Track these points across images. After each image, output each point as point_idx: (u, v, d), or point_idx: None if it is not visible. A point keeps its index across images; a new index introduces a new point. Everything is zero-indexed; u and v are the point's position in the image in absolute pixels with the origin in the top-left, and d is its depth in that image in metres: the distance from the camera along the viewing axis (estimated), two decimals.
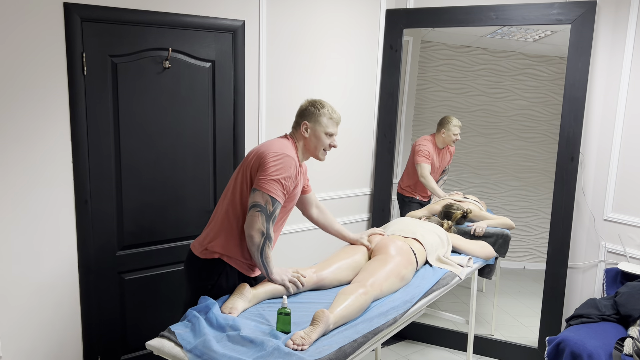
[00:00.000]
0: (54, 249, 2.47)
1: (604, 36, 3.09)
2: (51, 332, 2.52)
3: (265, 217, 2.02)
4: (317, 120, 2.21)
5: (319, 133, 2.21)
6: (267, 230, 2.02)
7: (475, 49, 3.44)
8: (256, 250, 2.04)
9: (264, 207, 2.01)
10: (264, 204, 2.01)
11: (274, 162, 2.04)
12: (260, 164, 2.07)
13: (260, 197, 2.02)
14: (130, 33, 2.54)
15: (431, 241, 2.64)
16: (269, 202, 2.02)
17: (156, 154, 2.71)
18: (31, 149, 2.35)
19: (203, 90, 2.80)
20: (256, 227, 2.01)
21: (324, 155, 2.27)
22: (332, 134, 2.23)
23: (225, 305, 1.93)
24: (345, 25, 3.32)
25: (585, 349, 2.36)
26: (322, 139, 2.22)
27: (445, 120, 3.48)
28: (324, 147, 2.24)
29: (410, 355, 3.44)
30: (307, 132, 2.21)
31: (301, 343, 1.71)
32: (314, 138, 2.21)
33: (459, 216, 3.33)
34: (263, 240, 2.03)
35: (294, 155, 2.11)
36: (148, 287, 2.79)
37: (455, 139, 3.47)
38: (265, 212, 2.01)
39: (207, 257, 2.14)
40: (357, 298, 1.98)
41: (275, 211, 2.04)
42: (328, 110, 2.22)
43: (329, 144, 2.24)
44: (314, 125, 2.21)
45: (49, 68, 2.35)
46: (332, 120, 2.23)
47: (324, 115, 2.21)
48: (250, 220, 2.02)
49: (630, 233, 3.07)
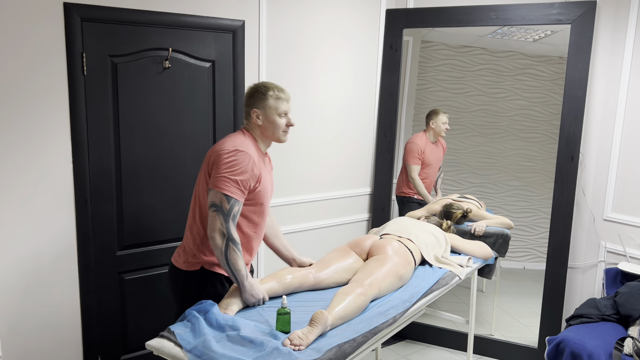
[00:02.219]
0: (54, 249, 2.47)
1: (604, 36, 3.09)
2: (51, 332, 2.52)
3: (223, 217, 1.92)
4: (265, 104, 2.08)
5: (271, 117, 2.08)
6: (227, 230, 1.92)
7: (475, 49, 3.44)
8: (220, 255, 1.93)
9: (220, 206, 1.93)
10: (219, 203, 1.93)
11: (226, 159, 1.95)
12: (213, 162, 1.99)
13: (215, 196, 1.94)
14: (130, 33, 2.54)
15: (426, 241, 2.64)
16: (224, 200, 1.92)
17: (156, 154, 2.71)
18: (31, 149, 2.36)
19: (203, 90, 2.80)
20: (215, 228, 1.92)
21: (284, 137, 2.13)
22: (284, 112, 2.10)
23: (221, 303, 1.95)
24: (345, 25, 3.33)
25: (585, 349, 2.36)
26: (276, 121, 2.08)
27: (433, 113, 3.49)
28: (281, 129, 2.10)
29: (410, 355, 3.44)
30: (260, 120, 2.09)
31: (299, 343, 1.71)
32: (267, 123, 2.08)
33: (459, 216, 3.33)
34: (225, 242, 1.92)
35: (248, 149, 2.01)
36: (148, 287, 2.79)
37: (445, 128, 3.48)
38: (222, 211, 1.92)
39: (190, 269, 2.08)
40: (355, 298, 1.98)
41: (232, 209, 1.93)
42: (274, 90, 2.09)
43: (286, 123, 2.11)
44: (264, 110, 2.08)
45: (49, 68, 2.35)
46: (281, 99, 2.09)
47: (270, 97, 2.08)
48: (209, 222, 1.95)
49: (630, 233, 3.07)
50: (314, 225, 3.36)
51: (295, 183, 3.24)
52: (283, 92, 2.11)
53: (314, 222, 3.37)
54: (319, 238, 3.41)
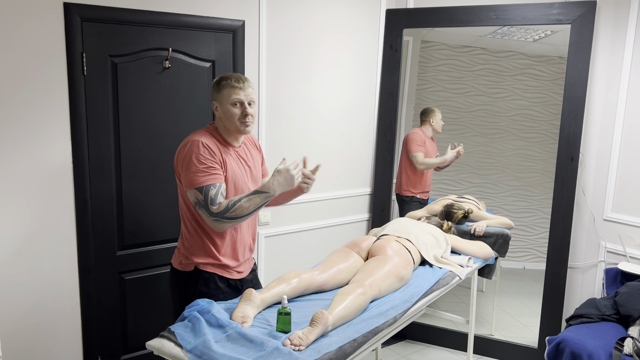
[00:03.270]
0: (54, 249, 2.47)
1: (604, 36, 3.09)
2: (51, 332, 2.52)
3: (205, 209, 1.97)
4: (219, 96, 2.06)
5: (226, 107, 2.05)
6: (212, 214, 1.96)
7: (475, 49, 3.44)
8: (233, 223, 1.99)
9: (198, 200, 1.98)
10: (196, 199, 1.98)
11: (181, 156, 2.01)
12: (176, 163, 2.06)
13: (192, 196, 2.00)
14: (130, 33, 2.54)
15: (425, 241, 2.64)
16: (197, 193, 1.97)
17: (156, 153, 2.71)
18: (31, 149, 2.35)
19: (203, 90, 2.80)
20: (210, 221, 1.99)
21: (243, 127, 2.07)
22: (239, 101, 2.05)
23: (235, 314, 1.88)
24: (345, 25, 3.33)
25: (585, 349, 2.36)
26: (230, 110, 2.04)
27: (430, 110, 3.50)
28: (236, 118, 2.05)
29: (410, 355, 3.44)
30: (218, 111, 2.08)
31: (299, 343, 1.71)
32: (224, 114, 2.06)
33: (460, 216, 3.33)
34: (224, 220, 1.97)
35: (200, 137, 2.02)
36: (148, 287, 2.79)
37: (442, 124, 3.50)
38: (203, 205, 1.97)
39: (185, 270, 2.13)
40: (355, 298, 1.98)
41: (208, 195, 1.96)
42: (229, 80, 2.05)
43: (243, 112, 2.05)
44: (220, 102, 2.06)
45: (49, 68, 2.35)
46: (235, 87, 2.04)
47: (224, 86, 2.05)
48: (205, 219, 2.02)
49: (630, 233, 3.07)
50: (314, 225, 3.36)
51: None
52: (239, 80, 2.05)
53: (314, 222, 3.37)
54: (319, 238, 3.41)
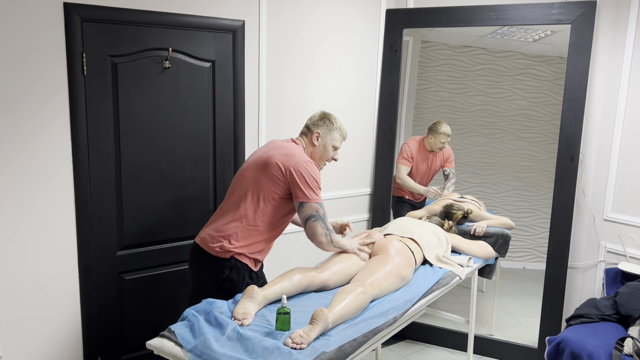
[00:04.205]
0: (54, 249, 2.47)
1: (604, 36, 3.09)
2: (51, 332, 2.52)
3: (322, 222, 2.22)
4: (329, 133, 2.38)
5: (328, 145, 2.39)
6: (327, 229, 2.24)
7: (475, 49, 3.44)
8: (329, 246, 2.27)
9: (317, 214, 2.21)
10: (315, 212, 2.20)
11: (306, 172, 2.20)
12: (292, 173, 2.19)
13: (311, 208, 2.20)
14: (130, 33, 2.54)
15: (428, 240, 2.64)
16: (319, 208, 2.21)
17: (156, 154, 2.71)
18: (31, 149, 2.35)
19: (203, 90, 2.80)
20: (320, 234, 2.23)
21: (324, 166, 2.44)
22: (338, 147, 2.42)
23: (237, 310, 1.88)
24: (345, 25, 3.33)
25: (585, 349, 2.36)
26: (329, 150, 2.40)
27: (434, 126, 3.48)
28: (327, 158, 2.41)
29: (410, 355, 3.44)
30: (318, 141, 2.37)
31: (300, 342, 1.71)
32: (322, 148, 2.38)
33: (460, 216, 3.33)
34: (330, 238, 2.25)
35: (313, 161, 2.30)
36: (148, 287, 2.79)
37: (442, 146, 3.47)
38: (320, 218, 2.21)
39: (221, 256, 2.20)
40: (356, 297, 1.98)
41: (324, 211, 2.24)
42: (340, 126, 2.41)
43: (332, 156, 2.43)
44: (326, 137, 2.37)
45: (49, 68, 2.35)
46: (342, 136, 2.42)
47: (336, 129, 2.39)
48: (312, 232, 2.22)
49: (630, 233, 3.07)
50: None
51: None
52: (345, 131, 2.44)
53: None
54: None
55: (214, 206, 2.94)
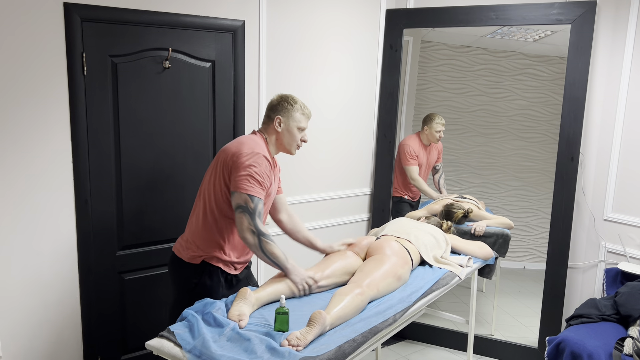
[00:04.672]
0: (54, 249, 2.47)
1: (604, 36, 3.09)
2: (51, 332, 2.52)
3: (250, 215, 2.03)
4: (290, 115, 2.23)
5: (292, 128, 2.23)
6: (256, 227, 2.03)
7: (475, 49, 3.44)
8: (257, 250, 2.06)
9: (245, 206, 2.03)
10: (244, 204, 2.03)
11: (246, 161, 2.06)
12: (233, 163, 2.08)
13: (240, 198, 2.04)
14: (130, 33, 2.54)
15: (425, 242, 2.64)
16: (248, 200, 2.03)
17: (156, 154, 2.71)
18: (31, 149, 2.36)
19: (203, 90, 2.81)
20: (245, 228, 2.04)
21: (295, 150, 2.30)
22: (304, 128, 2.27)
23: (231, 312, 1.89)
24: (345, 25, 3.33)
25: (585, 349, 2.35)
26: (295, 133, 2.24)
27: (429, 118, 3.48)
28: (296, 142, 2.27)
29: (410, 355, 3.44)
30: (280, 127, 2.23)
31: (297, 343, 1.71)
32: (287, 133, 2.24)
33: (460, 216, 3.33)
34: (257, 238, 2.04)
35: (265, 152, 2.14)
36: (148, 287, 2.79)
37: (439, 136, 3.47)
38: (248, 211, 2.03)
39: (192, 262, 2.18)
40: (353, 298, 1.98)
41: (257, 207, 2.05)
42: (300, 105, 2.25)
43: (301, 138, 2.27)
44: (287, 120, 2.23)
45: (49, 68, 2.35)
46: (304, 115, 2.26)
47: (296, 110, 2.23)
48: (238, 224, 2.06)
49: (630, 233, 3.07)
50: (314, 225, 3.36)
51: (295, 183, 3.24)
52: (307, 109, 2.28)
53: (314, 222, 3.37)
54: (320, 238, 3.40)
55: None
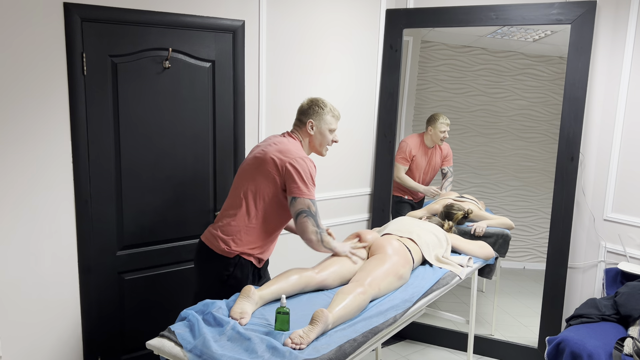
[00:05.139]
0: (54, 249, 2.47)
1: (604, 36, 3.09)
2: (51, 332, 2.52)
3: (313, 219, 2.20)
4: (322, 118, 2.36)
5: (323, 130, 2.37)
6: (318, 227, 2.22)
7: (475, 49, 3.44)
8: (319, 246, 2.24)
9: (309, 210, 2.19)
10: (307, 208, 2.19)
11: (301, 168, 2.20)
12: (287, 169, 2.20)
13: (302, 204, 2.19)
14: (130, 33, 2.54)
15: (427, 241, 2.64)
16: (311, 205, 2.20)
17: (156, 154, 2.71)
18: (31, 149, 2.36)
19: (203, 90, 2.80)
20: (310, 231, 2.21)
21: (326, 151, 2.44)
22: (334, 129, 2.41)
23: (233, 310, 1.89)
24: (345, 25, 3.33)
25: (585, 349, 2.36)
26: (327, 135, 2.39)
27: (433, 118, 3.48)
28: (327, 143, 2.41)
29: (410, 355, 3.44)
30: (313, 130, 2.36)
31: (299, 342, 1.71)
32: (319, 135, 2.37)
33: (460, 216, 3.33)
34: (320, 237, 2.23)
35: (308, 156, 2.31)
36: (148, 287, 2.79)
37: (443, 136, 3.46)
38: (311, 214, 2.19)
39: (226, 255, 2.24)
40: (355, 297, 1.98)
41: (317, 209, 2.22)
42: (330, 108, 2.39)
43: (332, 139, 2.41)
44: (319, 123, 2.36)
45: (49, 68, 2.35)
46: (335, 117, 2.40)
47: (327, 113, 2.37)
48: (302, 228, 2.21)
49: (630, 233, 3.07)
50: None
51: None
52: (336, 110, 2.42)
53: None
54: None
55: (214, 206, 2.94)
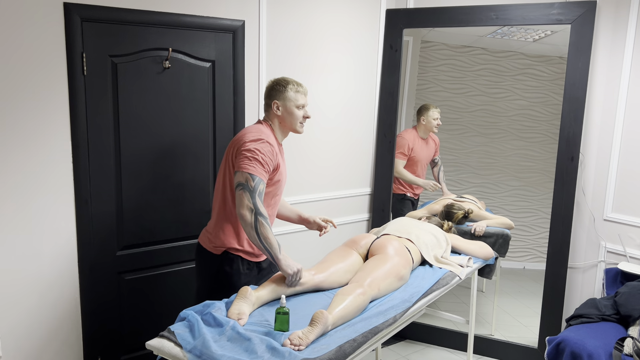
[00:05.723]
0: (54, 249, 2.47)
1: (604, 36, 3.09)
2: (51, 332, 2.52)
3: (249, 193, 2.04)
4: (285, 97, 2.26)
5: (290, 108, 2.27)
6: (254, 205, 2.03)
7: (475, 49, 3.44)
8: (251, 229, 2.03)
9: (245, 184, 2.06)
10: (244, 182, 2.06)
11: (249, 144, 2.11)
12: (237, 150, 2.13)
13: (241, 176, 2.07)
14: (130, 33, 2.54)
15: (426, 241, 2.64)
16: (249, 178, 2.06)
17: (156, 153, 2.71)
18: (31, 149, 2.36)
19: (203, 90, 2.80)
20: (244, 205, 2.04)
21: (301, 128, 2.32)
22: (302, 105, 2.29)
23: (231, 311, 1.89)
24: (345, 25, 3.33)
25: (585, 349, 2.36)
26: (295, 112, 2.27)
27: (424, 108, 3.49)
28: (299, 120, 2.29)
29: (410, 355, 3.44)
30: (279, 110, 2.27)
31: (298, 343, 1.71)
32: (287, 114, 2.27)
33: (460, 216, 3.33)
34: (254, 217, 2.03)
35: (268, 138, 2.18)
36: (148, 287, 2.79)
37: (437, 123, 3.47)
38: (248, 188, 2.05)
39: (216, 253, 2.25)
40: (355, 298, 1.98)
41: (257, 186, 2.06)
42: (293, 84, 2.28)
43: (303, 115, 2.30)
44: (284, 102, 2.26)
45: (49, 68, 2.35)
46: (299, 92, 2.29)
47: (290, 90, 2.27)
48: (237, 201, 2.07)
49: (630, 233, 3.07)
50: None
51: (295, 183, 3.24)
52: (301, 86, 2.30)
53: None
54: (320, 238, 3.41)
55: None
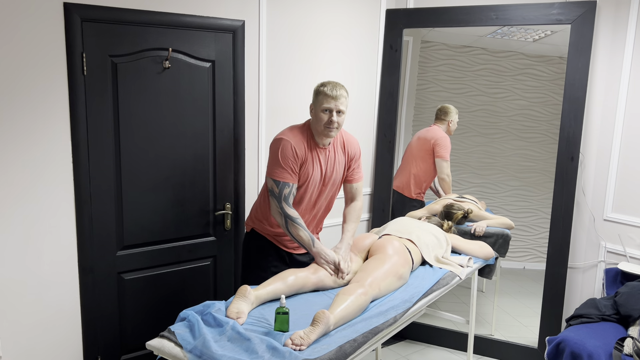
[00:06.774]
0: (54, 249, 2.47)
1: (604, 36, 3.09)
2: (51, 332, 2.52)
3: (276, 199, 2.18)
4: (315, 100, 2.30)
5: (317, 111, 2.28)
6: (282, 210, 2.17)
7: (475, 49, 3.44)
8: (285, 230, 2.24)
9: (272, 191, 2.19)
10: (271, 189, 2.19)
11: (272, 148, 2.25)
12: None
13: (269, 183, 2.22)
14: (130, 33, 2.54)
15: (427, 241, 2.64)
16: (274, 185, 2.18)
17: (156, 153, 2.71)
18: (31, 149, 2.35)
19: (203, 90, 2.80)
20: (274, 210, 2.23)
21: (326, 132, 2.26)
22: (328, 109, 2.24)
23: (230, 310, 1.90)
24: (345, 25, 3.33)
25: (585, 349, 2.36)
26: (319, 116, 2.26)
27: (449, 110, 3.44)
28: (322, 123, 2.25)
29: (410, 355, 3.44)
30: (312, 113, 2.33)
31: (300, 343, 1.71)
32: (314, 118, 2.31)
33: (460, 216, 3.33)
34: (284, 220, 2.20)
35: (290, 137, 2.26)
36: (148, 287, 2.79)
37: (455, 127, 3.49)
38: (274, 195, 2.18)
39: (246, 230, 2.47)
40: (356, 298, 1.98)
41: (282, 191, 2.17)
42: (325, 87, 2.25)
43: (329, 119, 2.24)
44: (314, 105, 2.30)
45: (49, 68, 2.35)
46: (328, 95, 2.23)
47: (320, 93, 2.27)
48: (270, 207, 2.26)
49: (630, 233, 3.07)
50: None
51: None
52: (332, 89, 2.24)
53: None
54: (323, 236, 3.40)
55: (213, 206, 2.94)
